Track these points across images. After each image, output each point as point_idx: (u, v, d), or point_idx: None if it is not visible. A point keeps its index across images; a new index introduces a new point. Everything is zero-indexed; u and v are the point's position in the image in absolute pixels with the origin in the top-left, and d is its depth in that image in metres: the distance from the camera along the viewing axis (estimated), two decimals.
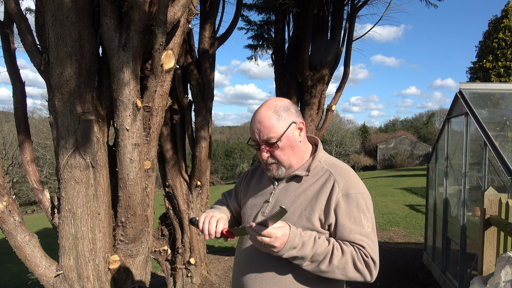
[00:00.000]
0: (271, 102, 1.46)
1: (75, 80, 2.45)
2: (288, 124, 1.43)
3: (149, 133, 2.84)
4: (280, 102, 1.46)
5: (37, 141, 24.94)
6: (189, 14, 2.93)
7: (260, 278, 1.42)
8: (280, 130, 1.41)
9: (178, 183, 4.76)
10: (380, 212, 10.52)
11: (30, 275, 6.26)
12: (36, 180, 2.81)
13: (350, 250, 1.35)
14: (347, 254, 1.33)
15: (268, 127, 1.40)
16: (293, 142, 1.45)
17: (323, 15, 5.59)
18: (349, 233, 1.36)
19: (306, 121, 5.54)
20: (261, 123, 1.41)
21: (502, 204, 2.61)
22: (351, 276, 1.34)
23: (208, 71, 4.82)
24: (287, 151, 1.45)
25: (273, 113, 1.42)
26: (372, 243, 1.38)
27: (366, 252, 1.35)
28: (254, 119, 1.44)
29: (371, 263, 1.35)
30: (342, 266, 1.33)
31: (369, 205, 1.42)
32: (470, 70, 18.84)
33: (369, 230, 1.38)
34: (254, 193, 1.60)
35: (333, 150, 46.84)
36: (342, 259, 1.33)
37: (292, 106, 1.48)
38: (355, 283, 5.06)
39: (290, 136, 1.44)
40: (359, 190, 1.41)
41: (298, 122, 1.48)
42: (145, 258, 2.91)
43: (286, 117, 1.43)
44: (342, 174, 1.44)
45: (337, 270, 1.33)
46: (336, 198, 1.38)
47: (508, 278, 1.87)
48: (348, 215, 1.38)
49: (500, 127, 4.36)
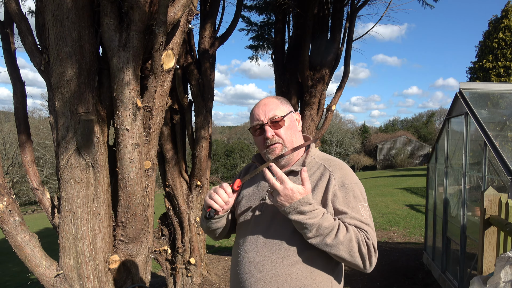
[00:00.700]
0: (271, 96, 1.61)
1: (75, 80, 2.45)
2: (289, 110, 1.56)
3: (149, 133, 2.84)
4: (278, 96, 1.61)
5: (37, 141, 24.95)
6: (189, 14, 2.93)
7: (260, 276, 1.42)
8: (284, 111, 1.53)
9: (178, 183, 4.76)
10: (380, 212, 10.52)
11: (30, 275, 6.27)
12: (36, 180, 2.81)
13: (354, 229, 1.37)
14: (351, 232, 1.35)
15: (273, 107, 1.52)
16: (294, 127, 1.55)
17: (323, 15, 5.59)
18: (350, 219, 1.39)
19: (306, 121, 5.54)
20: (266, 105, 1.52)
21: (502, 204, 2.61)
22: (354, 255, 1.35)
23: (208, 71, 4.82)
24: (290, 133, 1.52)
25: (276, 99, 1.57)
26: (372, 231, 1.41)
27: (368, 236, 1.38)
28: (259, 104, 1.55)
29: (372, 249, 1.38)
30: (347, 243, 1.34)
31: (364, 195, 1.48)
32: (470, 70, 18.84)
33: (368, 219, 1.43)
34: (249, 192, 1.61)
35: (333, 150, 46.85)
36: (347, 235, 1.34)
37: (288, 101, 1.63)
38: (355, 283, 5.06)
39: (292, 119, 1.55)
40: (354, 181, 1.47)
41: (296, 113, 1.61)
42: (145, 258, 2.91)
43: (287, 105, 1.58)
44: (337, 167, 1.49)
45: (341, 246, 1.33)
46: (333, 189, 1.43)
47: (508, 278, 1.87)
48: (346, 204, 1.42)
49: (500, 127, 4.36)
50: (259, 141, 1.53)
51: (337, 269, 1.49)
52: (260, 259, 1.43)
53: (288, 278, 1.39)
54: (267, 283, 1.41)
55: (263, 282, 1.41)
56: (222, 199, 1.43)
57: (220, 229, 1.61)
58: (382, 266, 5.72)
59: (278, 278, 1.40)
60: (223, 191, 1.43)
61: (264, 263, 1.42)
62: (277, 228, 1.44)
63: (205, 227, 1.61)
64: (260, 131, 1.51)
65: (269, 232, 1.46)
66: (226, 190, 1.44)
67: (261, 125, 1.50)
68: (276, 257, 1.41)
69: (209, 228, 1.60)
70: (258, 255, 1.44)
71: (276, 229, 1.45)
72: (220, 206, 1.44)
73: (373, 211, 10.78)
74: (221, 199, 1.43)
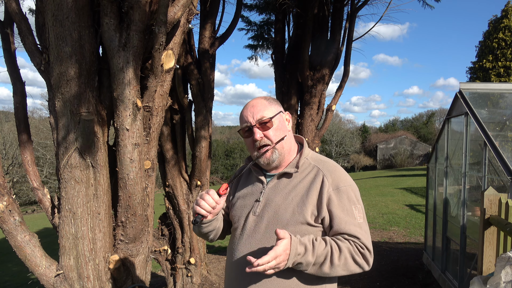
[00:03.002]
0: (260, 96, 1.61)
1: (76, 80, 2.45)
2: (278, 111, 1.55)
3: (149, 133, 2.84)
4: (267, 96, 1.61)
5: (37, 141, 24.95)
6: (189, 14, 2.93)
7: (253, 275, 1.43)
8: (272, 111, 1.52)
9: (178, 183, 4.76)
10: (380, 212, 10.52)
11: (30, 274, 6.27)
12: (37, 180, 2.81)
13: (347, 246, 1.39)
14: (345, 251, 1.37)
15: (261, 108, 1.51)
16: (283, 127, 1.54)
17: (323, 15, 5.59)
18: (345, 225, 1.41)
19: (306, 121, 5.54)
20: (254, 106, 1.52)
21: (502, 204, 2.61)
22: (351, 270, 1.39)
23: (208, 71, 4.82)
24: (279, 134, 1.51)
25: (265, 100, 1.56)
26: (365, 233, 1.43)
27: (361, 244, 1.40)
28: (247, 106, 1.54)
29: (367, 253, 1.40)
30: (342, 263, 1.37)
31: (358, 197, 1.49)
32: (470, 70, 18.82)
33: (361, 221, 1.44)
34: (243, 194, 1.61)
35: (333, 150, 46.85)
36: (341, 257, 1.36)
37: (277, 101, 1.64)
38: (356, 284, 5.06)
39: (281, 120, 1.55)
40: (348, 183, 1.48)
41: (285, 113, 1.60)
42: (145, 258, 2.91)
43: (276, 105, 1.57)
44: (330, 169, 1.50)
45: (338, 268, 1.37)
46: (327, 192, 1.43)
47: (508, 279, 1.87)
48: (341, 207, 1.43)
49: (500, 127, 4.36)
50: (249, 143, 1.53)
51: None
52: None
53: (279, 279, 1.41)
54: (259, 283, 1.42)
55: (255, 282, 1.43)
56: (209, 204, 1.42)
57: (212, 232, 1.61)
58: (382, 266, 5.72)
59: (270, 279, 1.41)
60: (210, 197, 1.42)
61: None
62: (270, 228, 1.45)
63: (197, 231, 1.62)
64: (249, 133, 1.51)
65: (262, 233, 1.47)
66: (213, 196, 1.42)
67: (249, 127, 1.50)
68: None
69: (200, 232, 1.60)
70: (252, 254, 1.45)
71: (269, 229, 1.45)
72: (207, 212, 1.43)
73: (373, 211, 10.79)
74: (207, 205, 1.42)
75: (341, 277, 5.03)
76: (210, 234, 1.61)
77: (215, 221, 1.56)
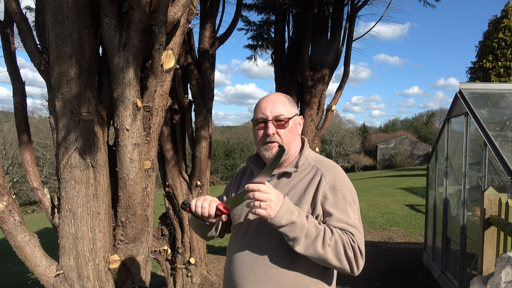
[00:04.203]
0: (280, 93, 1.59)
1: (75, 80, 2.45)
2: (295, 113, 1.56)
3: (149, 133, 2.84)
4: (287, 95, 1.60)
5: (37, 141, 24.94)
6: (189, 14, 2.93)
7: (251, 275, 1.44)
8: (290, 112, 1.53)
9: (178, 183, 4.76)
10: (380, 212, 10.52)
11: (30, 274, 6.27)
12: (37, 180, 2.81)
13: (338, 232, 1.37)
14: (336, 235, 1.35)
15: (281, 106, 1.51)
16: (295, 130, 1.55)
17: (323, 15, 5.59)
18: (337, 222, 1.39)
19: (306, 121, 5.54)
20: (275, 101, 1.51)
21: (502, 204, 2.61)
22: (341, 259, 1.34)
23: (208, 71, 4.82)
24: (290, 135, 1.52)
25: (286, 98, 1.56)
26: (359, 233, 1.41)
27: (354, 239, 1.37)
28: (267, 98, 1.53)
29: (359, 253, 1.37)
30: (333, 245, 1.34)
31: (354, 198, 1.48)
32: (470, 70, 18.83)
33: (356, 221, 1.42)
34: None
35: (333, 150, 46.85)
36: (332, 238, 1.34)
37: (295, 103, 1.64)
38: (355, 283, 5.06)
39: (295, 122, 1.56)
40: (345, 183, 1.47)
41: (299, 117, 1.61)
42: (145, 258, 2.91)
43: (294, 106, 1.57)
44: (328, 169, 1.50)
45: (329, 250, 1.33)
46: (323, 190, 1.43)
47: (508, 279, 1.87)
48: (335, 206, 1.42)
49: (500, 127, 4.36)
50: (259, 134, 1.53)
51: (328, 271, 1.49)
52: (252, 259, 1.46)
53: (278, 278, 1.41)
54: (258, 282, 1.43)
55: (254, 281, 1.43)
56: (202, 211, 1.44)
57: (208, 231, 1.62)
58: (382, 266, 5.72)
59: (268, 277, 1.42)
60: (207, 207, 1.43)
61: (256, 263, 1.44)
62: (269, 229, 1.45)
63: (193, 225, 1.63)
64: (262, 126, 1.51)
65: (261, 233, 1.48)
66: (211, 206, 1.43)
67: (264, 120, 1.50)
68: (267, 257, 1.43)
69: (196, 227, 1.61)
70: (250, 254, 1.47)
71: (268, 230, 1.46)
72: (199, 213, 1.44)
73: (373, 211, 10.79)
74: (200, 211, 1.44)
75: (341, 277, 5.03)
76: (205, 232, 1.62)
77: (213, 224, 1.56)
